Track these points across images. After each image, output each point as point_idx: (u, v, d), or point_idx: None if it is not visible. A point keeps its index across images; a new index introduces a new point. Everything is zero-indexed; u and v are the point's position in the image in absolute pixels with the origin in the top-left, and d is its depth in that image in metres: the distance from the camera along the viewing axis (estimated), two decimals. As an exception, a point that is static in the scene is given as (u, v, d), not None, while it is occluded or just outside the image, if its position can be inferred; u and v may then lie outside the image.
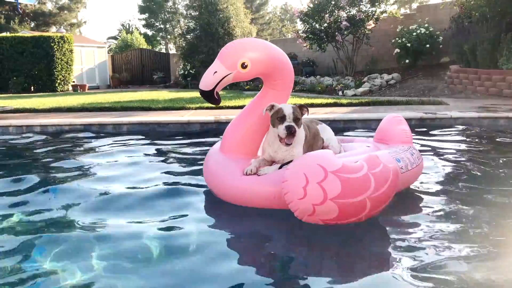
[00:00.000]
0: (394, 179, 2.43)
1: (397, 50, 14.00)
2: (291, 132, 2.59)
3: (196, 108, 8.45)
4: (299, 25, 16.69)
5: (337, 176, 2.28)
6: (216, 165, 2.93)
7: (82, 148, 5.27)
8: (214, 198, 2.99)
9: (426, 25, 13.69)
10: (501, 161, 4.07)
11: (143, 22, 43.65)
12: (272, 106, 2.72)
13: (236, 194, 2.74)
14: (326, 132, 3.17)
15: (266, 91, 2.91)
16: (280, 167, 2.70)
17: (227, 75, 2.66)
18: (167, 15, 42.64)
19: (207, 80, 2.66)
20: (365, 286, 1.90)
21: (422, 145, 4.78)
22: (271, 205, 2.62)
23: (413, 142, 3.37)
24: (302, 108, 2.74)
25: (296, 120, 2.64)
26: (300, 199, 2.32)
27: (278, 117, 2.65)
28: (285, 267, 2.12)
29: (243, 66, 2.66)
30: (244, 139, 2.92)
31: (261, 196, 2.64)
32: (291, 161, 2.61)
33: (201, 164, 3.91)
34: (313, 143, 2.99)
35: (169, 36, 43.55)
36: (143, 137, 5.95)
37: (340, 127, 6.14)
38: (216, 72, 2.66)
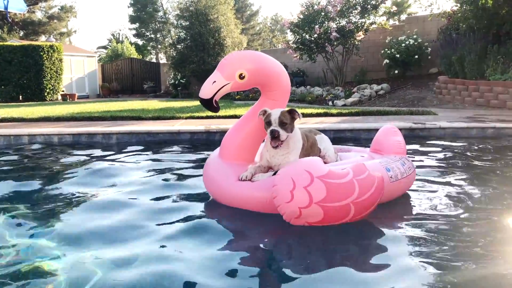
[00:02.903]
0: (378, 186, 2.52)
1: (386, 60, 14.16)
2: (274, 136, 2.71)
3: (187, 118, 8.44)
4: (290, 36, 16.85)
5: (323, 181, 2.40)
6: (214, 170, 3.05)
7: (67, 159, 5.21)
8: (210, 203, 3.11)
9: (414, 36, 13.89)
10: (488, 167, 4.11)
11: (134, 31, 43.69)
12: (265, 111, 2.84)
13: (232, 198, 2.88)
14: (323, 142, 3.28)
15: (263, 100, 3.04)
16: (274, 174, 2.78)
17: (225, 85, 2.81)
18: (158, 25, 42.73)
19: (207, 89, 2.80)
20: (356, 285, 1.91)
21: (412, 154, 4.81)
22: (264, 209, 2.73)
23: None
24: (292, 112, 2.80)
25: (283, 124, 2.73)
26: (287, 203, 2.43)
27: (266, 121, 2.79)
28: (275, 264, 2.17)
29: (241, 76, 2.81)
30: (241, 146, 3.05)
31: (254, 201, 2.76)
32: None
33: (194, 171, 3.93)
34: (310, 152, 3.10)
35: (159, 46, 43.60)
36: (134, 146, 5.91)
37: (330, 136, 6.15)
38: (215, 81, 2.80)
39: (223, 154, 3.09)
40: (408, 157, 3.41)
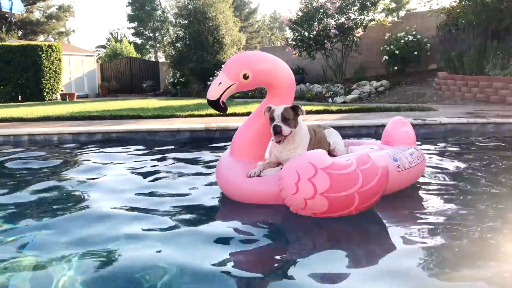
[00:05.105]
0: (383, 175, 2.56)
1: (385, 57, 14.14)
2: (276, 131, 2.79)
3: (186, 116, 8.43)
4: (288, 33, 16.82)
5: (326, 173, 2.46)
6: (225, 168, 3.16)
7: (68, 160, 5.21)
8: (221, 199, 3.20)
9: (413, 32, 13.87)
10: (489, 163, 4.11)
11: (132, 30, 43.66)
12: (270, 108, 2.93)
13: (242, 194, 2.97)
14: (332, 136, 3.35)
15: (270, 98, 3.13)
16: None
17: (231, 85, 2.91)
18: (156, 24, 42.69)
19: (213, 91, 2.91)
20: (358, 280, 1.92)
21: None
22: (272, 201, 2.82)
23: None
24: (296, 108, 2.88)
25: (285, 119, 2.82)
26: (293, 195, 2.52)
27: (270, 117, 2.89)
28: (281, 258, 2.17)
29: (245, 77, 2.91)
30: (251, 144, 3.16)
31: (263, 195, 2.86)
32: None
33: (196, 169, 3.94)
34: (319, 146, 3.14)
35: (158, 45, 43.57)
36: (134, 145, 5.90)
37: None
38: (220, 83, 2.90)
39: (234, 152, 3.19)
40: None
